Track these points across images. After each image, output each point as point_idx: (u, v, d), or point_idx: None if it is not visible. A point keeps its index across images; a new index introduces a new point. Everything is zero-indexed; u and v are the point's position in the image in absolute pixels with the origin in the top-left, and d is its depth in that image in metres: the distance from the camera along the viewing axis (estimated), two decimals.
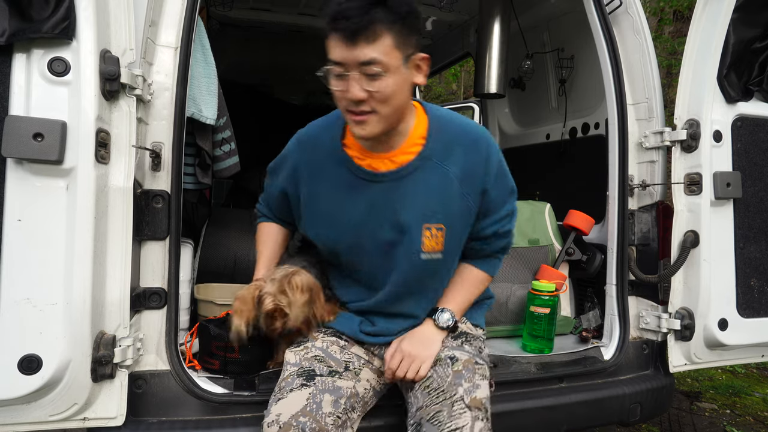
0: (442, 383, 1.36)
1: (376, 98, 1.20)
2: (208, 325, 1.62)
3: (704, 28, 1.87)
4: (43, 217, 1.27)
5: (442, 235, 1.39)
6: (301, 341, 1.48)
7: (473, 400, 1.33)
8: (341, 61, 1.18)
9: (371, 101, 1.21)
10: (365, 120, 1.23)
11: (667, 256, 1.95)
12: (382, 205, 1.38)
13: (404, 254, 1.40)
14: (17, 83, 1.26)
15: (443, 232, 1.39)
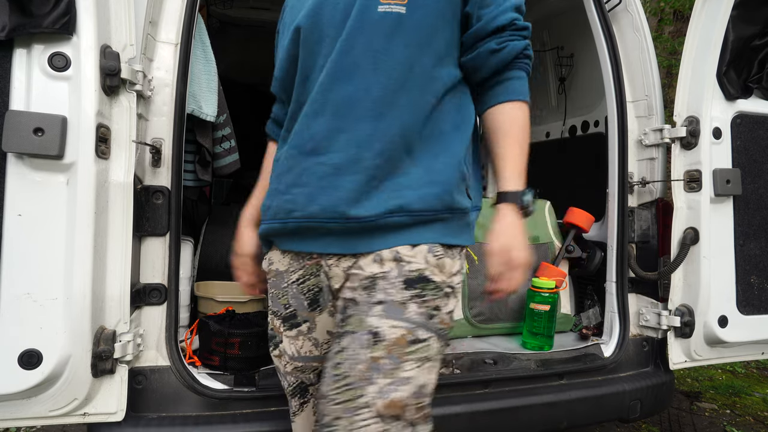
0: (350, 371, 0.98)
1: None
2: (208, 321, 1.63)
3: (704, 26, 1.87)
4: (44, 212, 1.27)
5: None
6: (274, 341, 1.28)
7: (390, 404, 0.95)
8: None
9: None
10: None
11: (666, 254, 1.95)
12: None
13: (358, 11, 1.08)
14: (18, 78, 1.26)
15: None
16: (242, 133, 2.35)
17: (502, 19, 1.19)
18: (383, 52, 1.06)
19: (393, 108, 1.06)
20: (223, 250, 2.48)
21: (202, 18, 1.94)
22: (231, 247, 2.51)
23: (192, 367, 1.59)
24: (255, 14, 3.45)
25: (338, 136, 1.06)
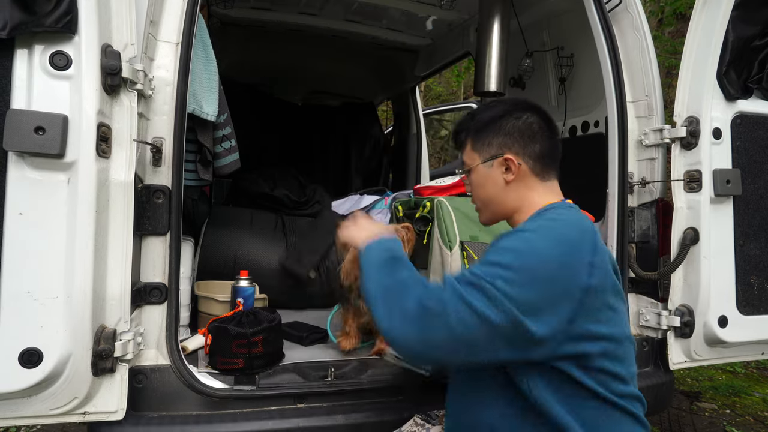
0: None
1: (472, 192, 1.45)
2: (227, 325, 1.61)
3: (704, 26, 1.87)
4: (44, 211, 1.28)
5: None
6: None
7: None
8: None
9: (472, 195, 1.46)
10: (477, 211, 1.47)
11: (666, 254, 1.95)
12: None
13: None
14: (19, 77, 1.27)
15: None
16: (242, 133, 2.36)
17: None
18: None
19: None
20: (223, 250, 2.48)
21: (203, 17, 1.94)
22: (230, 246, 2.52)
23: (193, 367, 1.59)
24: (256, 14, 3.45)
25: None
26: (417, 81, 4.44)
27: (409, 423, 1.56)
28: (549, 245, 1.12)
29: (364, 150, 4.50)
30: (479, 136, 1.40)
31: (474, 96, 4.32)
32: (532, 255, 1.11)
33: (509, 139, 1.36)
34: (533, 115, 1.39)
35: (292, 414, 1.58)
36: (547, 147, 1.39)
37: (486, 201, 1.42)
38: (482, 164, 1.38)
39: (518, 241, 1.14)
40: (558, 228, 1.19)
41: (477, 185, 1.42)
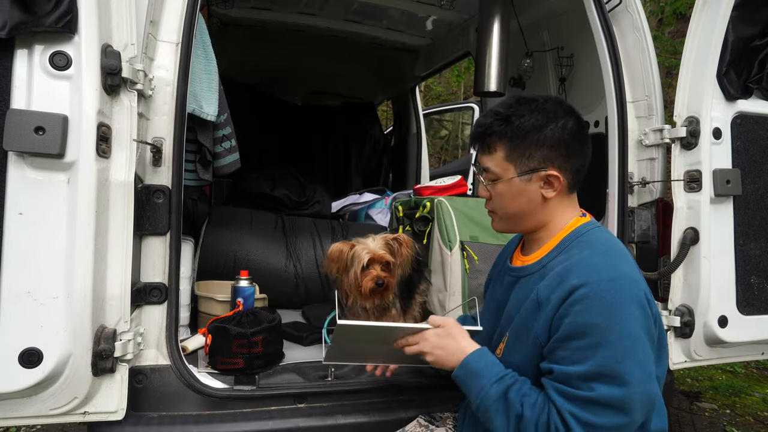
0: None
1: (494, 200, 1.34)
2: (227, 325, 1.61)
3: (704, 26, 1.87)
4: (44, 211, 1.28)
5: (504, 342, 1.30)
6: None
7: None
8: (477, 161, 1.35)
9: (491, 202, 1.35)
10: (492, 216, 1.39)
11: (666, 254, 1.95)
12: (504, 298, 1.38)
13: (492, 348, 1.32)
14: (19, 77, 1.26)
15: (506, 338, 1.29)
16: (242, 133, 2.36)
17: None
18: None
19: None
20: (223, 250, 2.48)
21: (203, 17, 1.94)
22: (230, 246, 2.52)
23: (193, 366, 1.59)
24: (256, 14, 3.45)
25: None
26: (417, 81, 4.44)
27: (413, 424, 1.56)
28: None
29: (364, 150, 4.50)
30: (518, 146, 1.26)
31: (474, 96, 4.32)
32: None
33: (554, 152, 1.25)
34: (572, 119, 1.27)
35: (292, 414, 1.58)
36: (584, 160, 1.31)
37: (514, 214, 1.32)
38: (518, 177, 1.27)
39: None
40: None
41: (507, 197, 1.30)
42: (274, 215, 2.88)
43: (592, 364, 1.07)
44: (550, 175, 1.25)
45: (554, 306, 1.14)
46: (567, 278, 1.15)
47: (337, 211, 3.42)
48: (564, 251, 1.25)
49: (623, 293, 1.10)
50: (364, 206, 3.38)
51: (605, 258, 1.17)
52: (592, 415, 1.07)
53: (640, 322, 1.10)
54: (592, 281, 1.11)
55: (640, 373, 1.07)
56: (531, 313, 1.21)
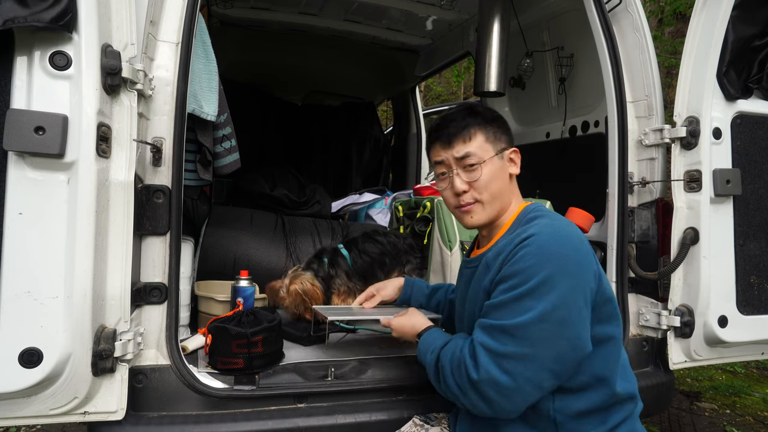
0: None
1: (475, 187, 1.41)
2: (227, 325, 1.61)
3: (704, 26, 1.87)
4: (44, 211, 1.28)
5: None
6: None
7: None
8: (443, 160, 1.45)
9: (472, 191, 1.42)
10: (471, 209, 1.43)
11: (666, 253, 1.95)
12: (463, 292, 1.49)
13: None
14: (19, 77, 1.26)
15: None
16: (242, 134, 2.36)
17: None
18: None
19: None
20: (223, 250, 2.48)
21: (203, 17, 1.94)
22: (230, 246, 2.52)
23: (193, 366, 1.59)
24: (255, 14, 3.46)
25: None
26: (417, 81, 4.44)
27: (409, 424, 1.56)
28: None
29: (364, 150, 4.50)
30: (490, 129, 1.43)
31: (474, 96, 4.32)
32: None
33: (508, 135, 1.47)
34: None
35: (292, 414, 1.58)
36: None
37: (496, 195, 1.42)
38: (496, 156, 1.42)
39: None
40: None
41: (490, 177, 1.41)
42: (274, 215, 2.88)
43: (509, 296, 1.19)
44: (513, 152, 1.46)
45: (501, 260, 1.27)
46: (516, 238, 1.27)
47: (337, 211, 3.42)
48: (518, 227, 1.35)
49: (562, 243, 1.21)
50: (364, 206, 3.38)
51: (551, 220, 1.30)
52: (496, 342, 1.18)
53: (572, 274, 1.18)
54: (538, 233, 1.23)
55: (550, 310, 1.15)
56: (481, 276, 1.35)
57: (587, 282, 1.21)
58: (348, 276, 2.26)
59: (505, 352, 1.17)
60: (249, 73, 4.26)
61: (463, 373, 1.22)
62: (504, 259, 1.26)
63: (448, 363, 1.28)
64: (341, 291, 2.24)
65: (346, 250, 2.30)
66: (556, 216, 1.36)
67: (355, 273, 2.26)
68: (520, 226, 1.33)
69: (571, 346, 1.17)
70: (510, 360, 1.16)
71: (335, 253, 2.30)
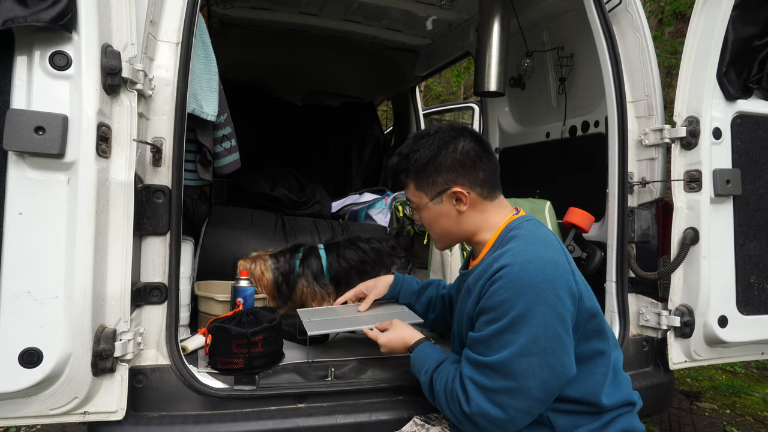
0: None
1: (425, 224, 1.53)
2: (227, 325, 1.61)
3: (704, 26, 1.87)
4: (44, 211, 1.28)
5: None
6: None
7: None
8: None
9: (425, 226, 1.53)
10: (432, 238, 1.59)
11: (666, 253, 1.95)
12: (460, 304, 1.50)
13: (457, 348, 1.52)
14: (19, 77, 1.26)
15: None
16: (242, 134, 2.36)
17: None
18: None
19: None
20: (223, 250, 2.48)
21: (203, 17, 1.94)
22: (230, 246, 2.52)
23: (193, 366, 1.59)
24: (255, 14, 3.45)
25: None
26: (417, 81, 4.44)
27: (409, 424, 1.56)
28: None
29: (364, 150, 4.50)
30: (421, 177, 1.45)
31: (474, 96, 4.32)
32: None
33: (453, 173, 1.42)
34: (467, 140, 1.43)
35: (292, 414, 1.58)
36: (488, 170, 1.44)
37: (442, 233, 1.50)
38: (431, 202, 1.45)
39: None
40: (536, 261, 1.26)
41: (430, 221, 1.48)
42: (274, 215, 2.88)
43: (490, 331, 1.23)
44: (456, 192, 1.41)
45: (480, 287, 1.30)
46: (492, 265, 1.29)
47: (337, 211, 3.42)
48: (499, 247, 1.37)
49: (534, 274, 1.21)
50: (364, 206, 3.38)
51: (525, 245, 1.30)
52: (483, 377, 1.23)
53: (548, 302, 1.20)
54: (510, 264, 1.24)
55: (531, 342, 1.19)
56: (464, 300, 1.40)
57: (565, 307, 1.22)
58: (316, 278, 2.24)
59: (493, 387, 1.22)
60: (249, 73, 4.26)
61: (456, 404, 1.28)
62: (482, 287, 1.29)
63: (442, 391, 1.34)
64: (305, 292, 2.22)
65: (325, 251, 2.28)
66: (532, 235, 1.34)
67: (329, 276, 2.25)
68: (499, 248, 1.35)
69: (555, 373, 1.21)
70: (499, 394, 1.22)
71: (311, 252, 2.28)
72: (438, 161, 1.42)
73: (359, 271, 2.28)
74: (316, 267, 2.25)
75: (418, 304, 1.86)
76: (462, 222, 1.45)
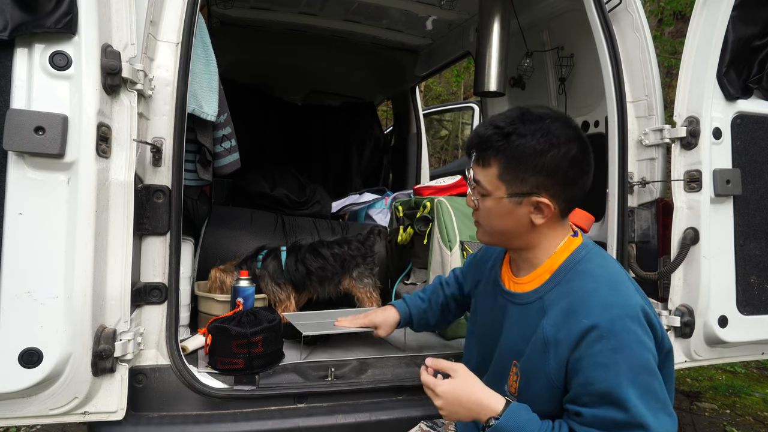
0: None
1: (480, 214, 1.31)
2: (227, 325, 1.61)
3: (704, 26, 1.87)
4: (44, 211, 1.28)
5: (517, 380, 1.27)
6: None
7: None
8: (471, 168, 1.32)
9: (478, 213, 1.33)
10: (477, 227, 1.36)
11: (666, 254, 1.95)
12: (497, 320, 1.37)
13: (496, 374, 1.34)
14: (19, 77, 1.26)
15: (518, 377, 1.27)
16: (242, 134, 2.36)
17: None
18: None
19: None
20: (223, 250, 2.48)
21: (203, 17, 1.94)
22: (230, 246, 2.52)
23: (193, 366, 1.59)
24: (255, 14, 3.45)
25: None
26: (417, 81, 4.44)
27: (415, 429, 1.56)
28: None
29: (364, 150, 4.50)
30: (514, 167, 1.21)
31: (474, 96, 4.32)
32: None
33: (549, 180, 1.21)
34: (576, 145, 1.21)
35: (292, 414, 1.58)
36: (583, 188, 1.26)
37: (499, 232, 1.30)
38: (507, 198, 1.24)
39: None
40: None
41: (494, 215, 1.27)
42: (274, 215, 2.88)
43: (613, 418, 1.08)
44: (540, 203, 1.22)
45: (567, 348, 1.13)
46: (574, 317, 1.14)
47: (337, 211, 3.42)
48: (562, 282, 1.22)
49: (634, 329, 1.10)
50: (364, 206, 3.38)
51: (610, 291, 1.16)
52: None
53: (652, 353, 1.12)
54: (604, 320, 1.10)
55: (659, 407, 1.12)
56: (540, 355, 1.19)
57: (653, 353, 1.14)
58: (273, 280, 2.22)
59: None
60: (249, 73, 4.26)
61: None
62: (571, 345, 1.13)
63: None
64: (266, 291, 2.21)
65: (286, 253, 2.26)
66: (602, 272, 1.20)
67: (286, 279, 2.23)
68: (564, 280, 1.22)
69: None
70: None
71: (272, 253, 2.26)
72: (542, 160, 1.19)
73: (320, 277, 2.25)
74: (273, 268, 2.23)
75: (432, 316, 1.73)
76: (527, 233, 1.26)
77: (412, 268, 2.57)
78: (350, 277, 2.30)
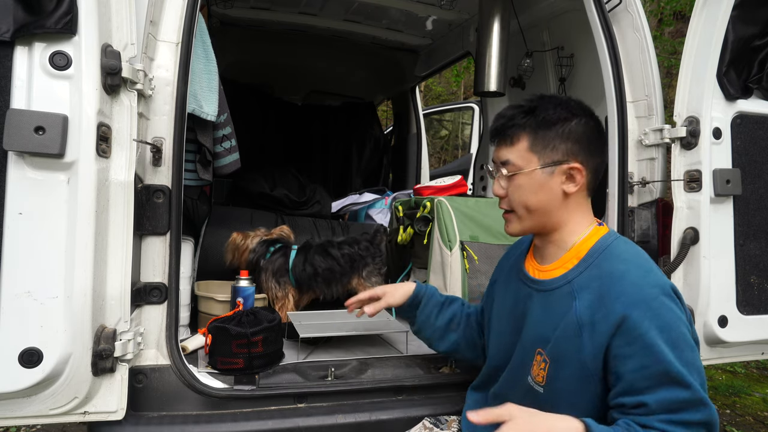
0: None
1: (512, 196, 1.30)
2: (227, 325, 1.61)
3: (704, 26, 1.87)
4: (44, 211, 1.27)
5: (545, 368, 1.25)
6: None
7: None
8: (493, 157, 1.34)
9: (508, 199, 1.31)
10: (507, 217, 1.34)
11: (666, 253, 1.95)
12: (520, 312, 1.36)
13: (516, 366, 1.34)
14: (19, 77, 1.26)
15: (547, 365, 1.24)
16: (242, 134, 2.36)
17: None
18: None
19: None
20: (223, 250, 2.48)
21: (203, 17, 1.94)
22: None
23: (193, 366, 1.59)
24: (255, 14, 3.46)
25: None
26: (417, 81, 4.44)
27: (418, 426, 1.56)
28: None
29: (364, 150, 4.50)
30: (543, 136, 1.25)
31: (474, 96, 4.32)
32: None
33: (578, 146, 1.25)
34: (593, 119, 1.29)
35: (292, 414, 1.58)
36: (604, 159, 1.32)
37: (534, 209, 1.28)
38: (540, 169, 1.25)
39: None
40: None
41: (527, 190, 1.27)
42: (274, 215, 2.88)
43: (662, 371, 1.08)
44: (573, 168, 1.24)
45: (606, 332, 1.13)
46: (609, 299, 1.14)
47: (337, 211, 3.42)
48: (592, 266, 1.22)
49: (671, 305, 1.12)
50: (364, 206, 3.38)
51: (642, 272, 1.17)
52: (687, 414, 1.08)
53: (689, 328, 1.13)
54: (641, 302, 1.11)
55: (704, 383, 1.11)
56: (572, 339, 1.18)
57: (689, 327, 1.15)
58: (276, 275, 2.21)
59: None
60: (249, 73, 4.26)
61: None
62: (610, 329, 1.12)
63: None
64: (264, 286, 2.20)
65: (296, 252, 2.26)
66: (630, 257, 1.21)
67: (293, 277, 2.23)
68: (592, 265, 1.22)
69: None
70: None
71: (282, 249, 2.26)
72: (568, 126, 1.25)
73: (327, 278, 2.25)
74: (280, 264, 2.22)
75: (439, 318, 1.64)
76: (560, 207, 1.27)
77: (412, 268, 2.57)
78: (359, 277, 2.31)
